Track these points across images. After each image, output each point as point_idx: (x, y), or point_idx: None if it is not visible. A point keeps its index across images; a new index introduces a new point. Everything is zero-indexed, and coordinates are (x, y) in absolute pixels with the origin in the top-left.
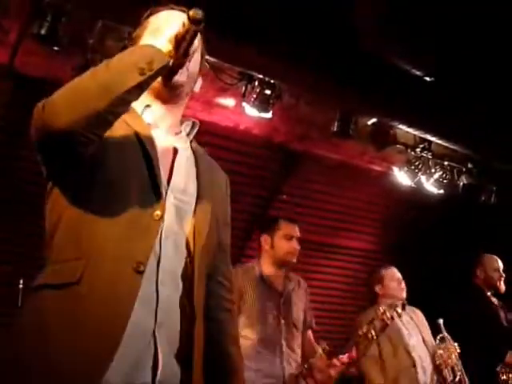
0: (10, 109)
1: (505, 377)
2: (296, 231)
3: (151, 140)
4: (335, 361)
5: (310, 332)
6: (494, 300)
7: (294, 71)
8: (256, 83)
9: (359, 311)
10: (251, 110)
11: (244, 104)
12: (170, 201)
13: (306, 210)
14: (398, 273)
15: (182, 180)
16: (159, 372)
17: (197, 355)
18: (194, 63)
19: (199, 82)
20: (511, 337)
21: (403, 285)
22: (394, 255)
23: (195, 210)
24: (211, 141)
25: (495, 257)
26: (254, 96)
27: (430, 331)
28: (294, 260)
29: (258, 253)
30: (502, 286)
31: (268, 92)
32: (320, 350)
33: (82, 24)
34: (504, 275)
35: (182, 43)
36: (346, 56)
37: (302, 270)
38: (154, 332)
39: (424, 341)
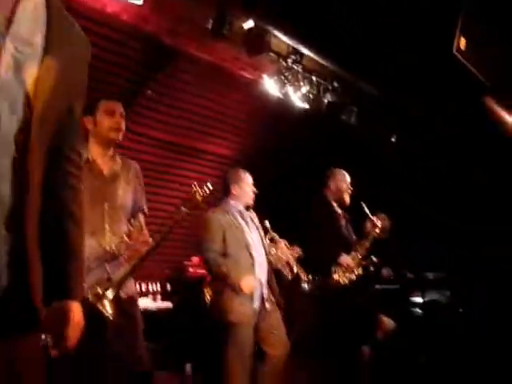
0: None
1: (337, 276)
2: (119, 107)
3: None
4: (147, 238)
5: (140, 216)
6: (338, 209)
7: None
8: None
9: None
10: None
11: None
12: (7, 51)
13: (169, 109)
14: (251, 179)
15: (25, 29)
16: None
17: (29, 228)
18: None
19: None
20: (347, 242)
21: (253, 191)
22: (251, 164)
23: (39, 68)
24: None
25: (344, 172)
26: None
27: (263, 233)
28: (119, 137)
29: (89, 135)
30: (347, 199)
31: None
32: (137, 224)
33: None
34: (351, 189)
35: None
36: None
37: (157, 171)
38: None
39: (261, 240)
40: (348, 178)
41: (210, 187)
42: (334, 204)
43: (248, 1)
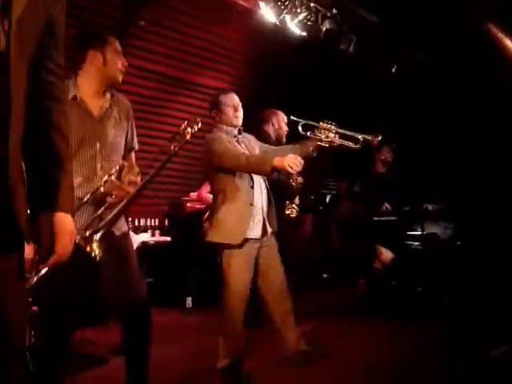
0: None
1: (289, 211)
2: (120, 48)
3: None
4: (135, 178)
5: (131, 154)
6: None
7: None
8: None
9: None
10: None
11: None
12: None
13: (164, 40)
14: (237, 99)
15: None
16: None
17: (13, 138)
18: None
19: None
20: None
21: (240, 113)
22: (250, 96)
23: None
24: None
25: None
26: None
27: None
28: (120, 79)
29: (79, 72)
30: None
31: None
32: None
33: None
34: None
35: None
36: None
37: (151, 105)
38: None
39: None
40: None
41: (200, 124)
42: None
43: None
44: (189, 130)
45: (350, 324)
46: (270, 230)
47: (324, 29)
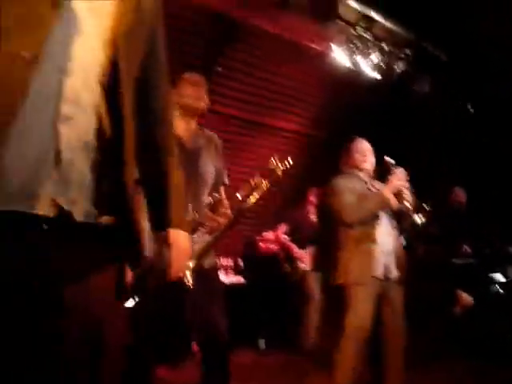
0: None
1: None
2: (201, 79)
3: None
4: (228, 210)
5: (221, 189)
6: None
7: None
8: None
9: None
10: None
11: None
12: None
13: (240, 85)
14: (366, 145)
15: None
16: (63, 167)
17: (128, 155)
18: None
19: None
20: None
21: (369, 158)
22: (324, 138)
23: (117, 6)
24: None
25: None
26: None
27: None
28: (202, 105)
29: None
30: None
31: None
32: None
33: None
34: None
35: None
36: None
37: (228, 148)
38: (55, 125)
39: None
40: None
41: (291, 162)
42: None
43: None
44: (280, 166)
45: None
46: (395, 270)
47: (397, 69)
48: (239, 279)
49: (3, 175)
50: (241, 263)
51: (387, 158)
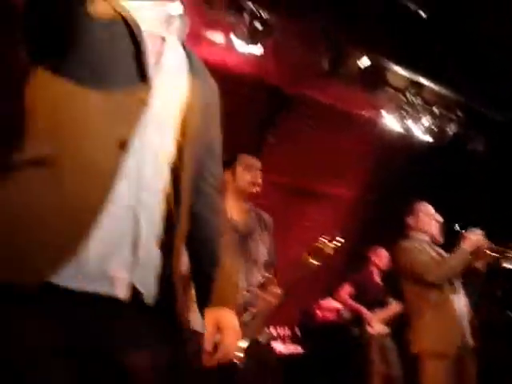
0: None
1: None
2: (256, 162)
3: (137, 24)
4: (278, 289)
5: (271, 269)
6: None
7: (285, 5)
8: (246, 15)
9: (335, 258)
10: (240, 44)
11: (232, 37)
12: (156, 83)
13: (291, 154)
14: (432, 209)
15: (170, 65)
16: (139, 250)
17: (177, 248)
18: None
19: None
20: None
21: (436, 222)
22: (379, 203)
23: (184, 97)
24: None
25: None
26: (244, 29)
27: None
28: (256, 190)
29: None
30: None
31: (258, 26)
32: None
33: None
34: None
35: None
36: None
37: (283, 217)
38: (134, 210)
39: None
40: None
41: (342, 240)
42: None
43: (362, 38)
44: (330, 244)
45: None
46: (470, 337)
47: (450, 131)
48: (297, 348)
49: (85, 257)
50: (298, 332)
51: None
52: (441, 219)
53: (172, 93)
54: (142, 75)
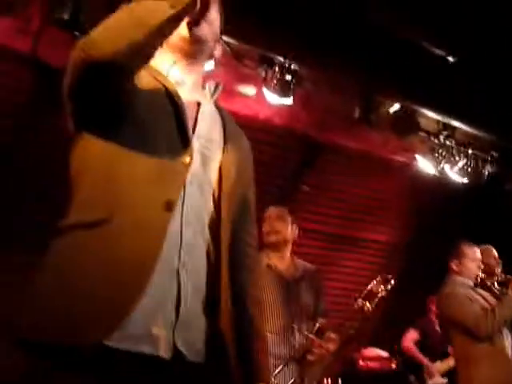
0: (31, 97)
1: None
2: (273, 211)
3: (177, 93)
4: (332, 335)
5: (321, 320)
6: None
7: (314, 56)
8: (276, 68)
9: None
10: (272, 96)
11: (264, 90)
12: (195, 147)
13: (327, 201)
14: (479, 254)
15: (206, 129)
16: (181, 310)
17: (224, 305)
18: (214, 19)
19: (219, 46)
20: None
21: (480, 264)
22: (416, 247)
23: (221, 159)
24: None
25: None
26: (275, 82)
27: None
28: (274, 239)
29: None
30: None
31: (288, 77)
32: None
33: (103, 7)
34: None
35: None
36: (366, 42)
37: (320, 263)
38: (178, 271)
39: None
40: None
41: (392, 281)
42: None
43: (392, 85)
44: (382, 287)
45: None
46: None
47: (485, 172)
48: None
49: (132, 318)
50: (340, 383)
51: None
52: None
53: (209, 154)
54: (184, 139)
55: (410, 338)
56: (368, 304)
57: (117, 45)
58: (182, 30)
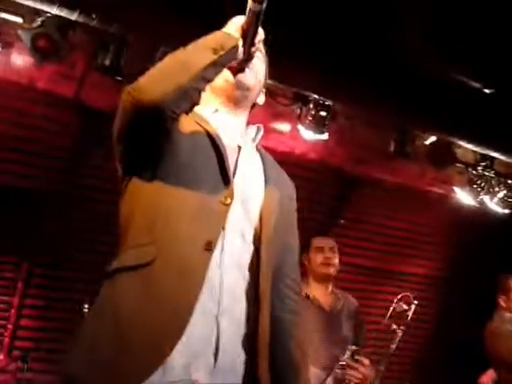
0: (77, 141)
1: None
2: (327, 242)
3: (219, 136)
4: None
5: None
6: None
7: (348, 91)
8: (311, 105)
9: (417, 340)
10: (307, 133)
11: (299, 127)
12: (237, 189)
13: (364, 234)
14: None
15: (248, 171)
16: (219, 357)
17: (262, 349)
18: (259, 68)
19: (263, 95)
20: None
21: None
22: (457, 280)
23: (262, 201)
24: None
25: None
26: (310, 118)
27: None
28: (331, 271)
29: (303, 274)
30: None
31: (323, 113)
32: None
33: (143, 53)
34: None
35: (248, 31)
36: (400, 75)
37: (359, 297)
38: (216, 318)
39: None
40: None
41: (416, 302)
42: None
43: (428, 118)
44: (408, 307)
45: None
46: None
47: None
48: None
49: (170, 363)
50: None
51: None
52: None
53: (250, 197)
54: (225, 181)
55: (490, 375)
56: (397, 326)
57: (164, 89)
58: (229, 76)
